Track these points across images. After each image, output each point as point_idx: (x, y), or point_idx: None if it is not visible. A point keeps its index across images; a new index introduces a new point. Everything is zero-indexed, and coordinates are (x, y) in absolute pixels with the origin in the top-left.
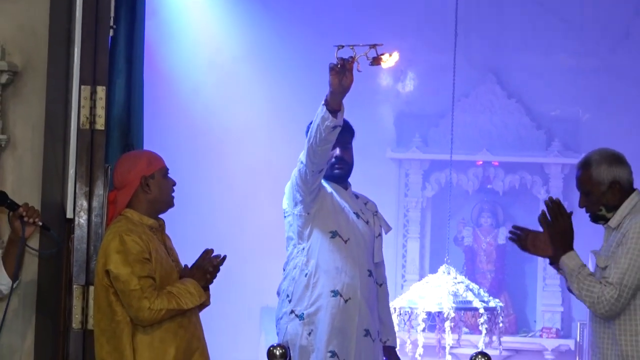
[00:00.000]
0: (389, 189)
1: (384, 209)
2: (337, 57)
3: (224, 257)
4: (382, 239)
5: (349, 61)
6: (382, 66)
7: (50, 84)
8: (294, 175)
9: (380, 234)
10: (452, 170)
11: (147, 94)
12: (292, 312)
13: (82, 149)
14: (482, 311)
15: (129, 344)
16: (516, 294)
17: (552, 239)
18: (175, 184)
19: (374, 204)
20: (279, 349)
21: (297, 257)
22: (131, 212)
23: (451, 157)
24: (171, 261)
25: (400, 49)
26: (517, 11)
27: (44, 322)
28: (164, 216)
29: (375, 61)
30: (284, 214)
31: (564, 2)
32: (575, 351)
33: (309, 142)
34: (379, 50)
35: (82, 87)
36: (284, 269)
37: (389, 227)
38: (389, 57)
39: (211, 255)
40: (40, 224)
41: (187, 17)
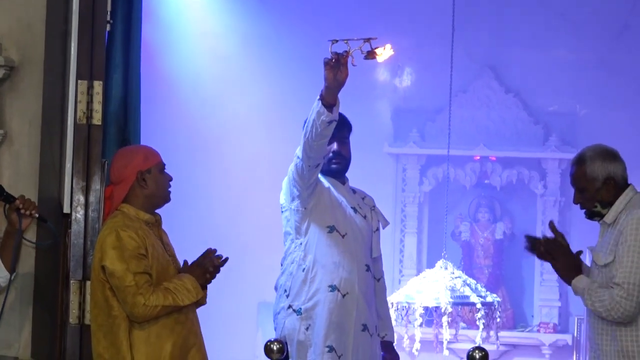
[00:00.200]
0: (386, 183)
1: (382, 204)
2: (331, 52)
3: (226, 259)
4: (380, 234)
5: (344, 55)
6: (377, 60)
7: (47, 78)
8: (291, 170)
9: (377, 229)
10: (450, 165)
11: (144, 89)
12: (289, 307)
13: (79, 143)
14: (479, 306)
15: (125, 339)
16: (513, 288)
17: (555, 267)
18: (171, 179)
19: (371, 199)
20: (276, 344)
21: (295, 252)
22: (128, 207)
23: (448, 152)
24: (168, 256)
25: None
26: (515, 6)
27: (41, 316)
28: (160, 211)
29: (369, 55)
30: (282, 209)
31: None
32: (572, 346)
33: (305, 137)
34: (373, 44)
35: (79, 81)
36: (281, 264)
37: (387, 222)
38: (383, 51)
39: (213, 254)
40: (36, 215)
41: (185, 13)
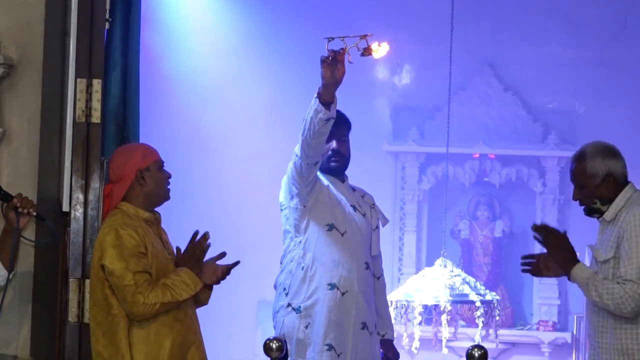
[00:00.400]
0: (385, 182)
1: (381, 202)
2: (327, 50)
3: (237, 262)
4: (380, 232)
5: (340, 53)
6: (373, 56)
7: (46, 77)
8: (290, 168)
9: (377, 227)
10: (449, 163)
11: (143, 87)
12: (289, 305)
13: (78, 142)
14: (478, 304)
15: (124, 337)
16: (513, 287)
17: (555, 259)
18: (170, 177)
19: (371, 197)
20: (275, 342)
21: (294, 250)
22: (127, 206)
23: (447, 149)
24: (167, 255)
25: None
26: (514, 4)
27: (40, 315)
28: (159, 209)
29: (366, 52)
30: (281, 207)
31: None
32: (572, 344)
33: (303, 135)
34: (369, 40)
35: (78, 80)
36: (281, 262)
37: (386, 220)
38: (379, 47)
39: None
40: (34, 214)
41: (183, 11)
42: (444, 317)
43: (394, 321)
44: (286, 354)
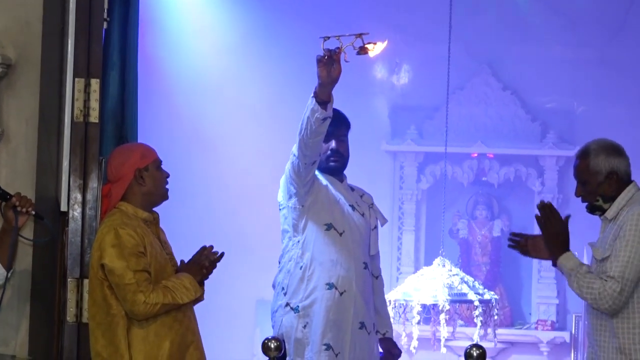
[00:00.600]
0: (383, 181)
1: (379, 202)
2: (323, 49)
3: (222, 254)
4: (378, 232)
5: (336, 52)
6: (369, 55)
7: (44, 76)
8: (288, 168)
9: (376, 227)
10: (447, 162)
11: (141, 87)
12: (287, 304)
13: (76, 141)
14: (477, 304)
15: (124, 337)
16: (511, 286)
17: (547, 241)
18: (169, 176)
19: (370, 197)
20: (273, 341)
21: (292, 250)
22: (125, 205)
23: (446, 149)
24: (165, 255)
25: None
26: (512, 3)
27: (39, 314)
28: (158, 209)
29: (362, 50)
30: (279, 206)
31: None
32: (570, 343)
33: (300, 135)
34: (365, 39)
35: (76, 79)
36: (279, 262)
37: (385, 220)
38: (375, 46)
39: (209, 251)
40: (33, 213)
41: (182, 10)
42: (443, 317)
43: (392, 320)
44: (284, 354)
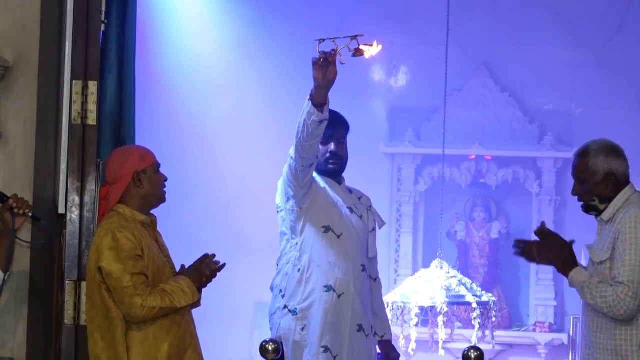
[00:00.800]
0: (381, 183)
1: (377, 204)
2: (319, 51)
3: (223, 265)
4: (376, 234)
5: (331, 54)
6: (364, 57)
7: (41, 79)
8: (285, 170)
9: (374, 229)
10: (445, 164)
11: (139, 90)
12: (285, 307)
13: (73, 144)
14: (475, 306)
15: (122, 340)
16: (509, 288)
17: (554, 262)
18: (167, 179)
19: (368, 199)
20: (271, 344)
21: (290, 252)
22: (123, 208)
23: (444, 151)
24: (163, 257)
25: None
26: (510, 4)
27: (37, 316)
28: (155, 211)
29: (357, 52)
30: (277, 209)
31: None
32: (568, 345)
33: (297, 138)
34: (360, 41)
35: (74, 82)
36: (277, 264)
37: (383, 222)
38: (370, 47)
39: (211, 260)
40: (30, 214)
41: (179, 13)
42: (441, 319)
43: (390, 323)
44: (282, 356)
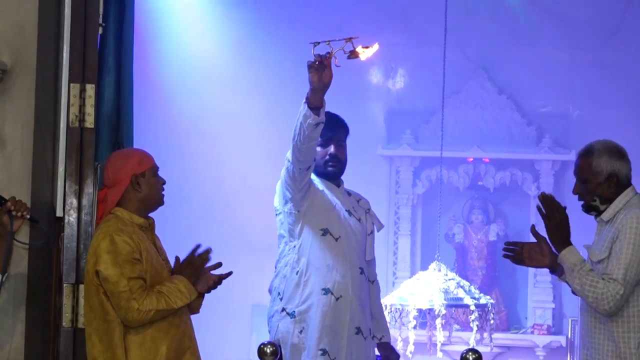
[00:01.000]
0: (379, 186)
1: (375, 206)
2: (314, 54)
3: (230, 273)
4: (374, 237)
5: (326, 57)
6: (360, 58)
7: (39, 82)
8: (283, 173)
9: (372, 232)
10: (443, 167)
11: (136, 92)
12: (283, 310)
13: (71, 147)
14: (473, 308)
15: (121, 343)
16: (507, 290)
17: (549, 233)
18: (165, 183)
19: (366, 202)
20: (269, 346)
21: (289, 255)
22: (121, 211)
23: (441, 153)
24: (161, 260)
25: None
26: (508, 6)
27: (34, 319)
28: (153, 214)
29: (352, 54)
30: (275, 211)
31: None
32: (566, 347)
33: (294, 141)
34: (355, 43)
35: (72, 85)
36: (275, 267)
37: (381, 225)
38: (365, 50)
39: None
40: (28, 217)
41: (177, 16)
42: (439, 321)
43: (388, 325)
44: (280, 359)
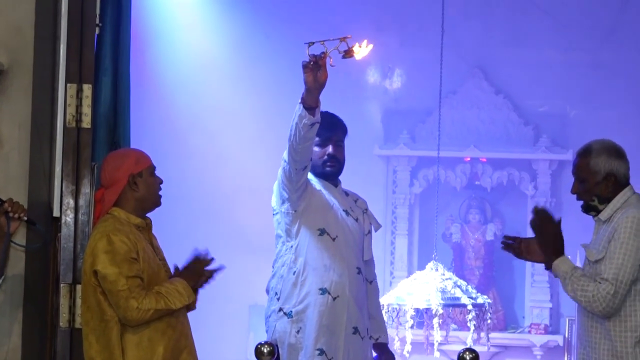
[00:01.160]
0: (376, 185)
1: (372, 206)
2: (308, 54)
3: (221, 267)
4: (372, 237)
5: (321, 57)
6: (355, 57)
7: (36, 82)
8: (280, 173)
9: (370, 232)
10: (440, 166)
11: (133, 93)
12: (280, 309)
13: (68, 147)
14: (470, 307)
15: (118, 343)
16: (504, 290)
17: (542, 245)
18: (162, 182)
19: (364, 202)
20: (266, 346)
21: (286, 255)
22: (118, 211)
23: (438, 153)
24: (158, 260)
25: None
26: (504, 6)
27: (31, 319)
28: (151, 214)
29: (347, 54)
30: (273, 211)
31: None
32: (563, 347)
33: (290, 141)
34: (349, 42)
35: (69, 85)
36: (272, 267)
37: (379, 225)
38: (360, 48)
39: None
40: (25, 218)
41: (174, 16)
42: (436, 321)
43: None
44: (278, 359)
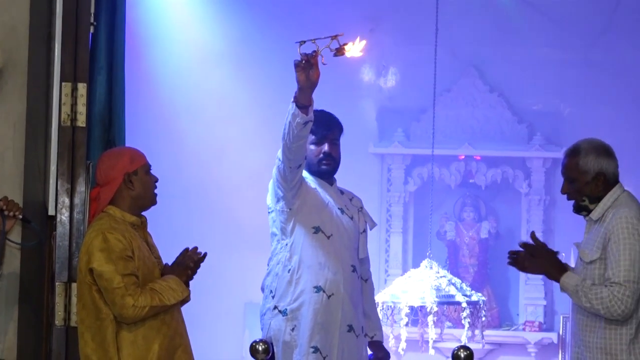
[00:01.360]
0: (371, 184)
1: (367, 204)
2: (300, 53)
3: (205, 255)
4: (367, 235)
5: (313, 56)
6: (346, 55)
7: (31, 81)
8: (274, 172)
9: (365, 230)
10: (434, 164)
11: (128, 91)
12: (275, 307)
13: (63, 146)
14: (464, 305)
15: (113, 341)
16: (499, 287)
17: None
18: (157, 181)
19: (359, 200)
20: (261, 344)
21: (281, 253)
22: (113, 209)
23: (433, 151)
24: (153, 258)
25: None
26: (498, 5)
27: (27, 317)
28: (146, 213)
29: (338, 52)
30: (268, 210)
31: None
32: (558, 344)
33: (283, 140)
34: (340, 40)
35: (63, 84)
36: (267, 265)
37: (374, 223)
38: (352, 46)
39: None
40: (20, 217)
41: (169, 14)
42: (430, 318)
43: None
44: (272, 356)
